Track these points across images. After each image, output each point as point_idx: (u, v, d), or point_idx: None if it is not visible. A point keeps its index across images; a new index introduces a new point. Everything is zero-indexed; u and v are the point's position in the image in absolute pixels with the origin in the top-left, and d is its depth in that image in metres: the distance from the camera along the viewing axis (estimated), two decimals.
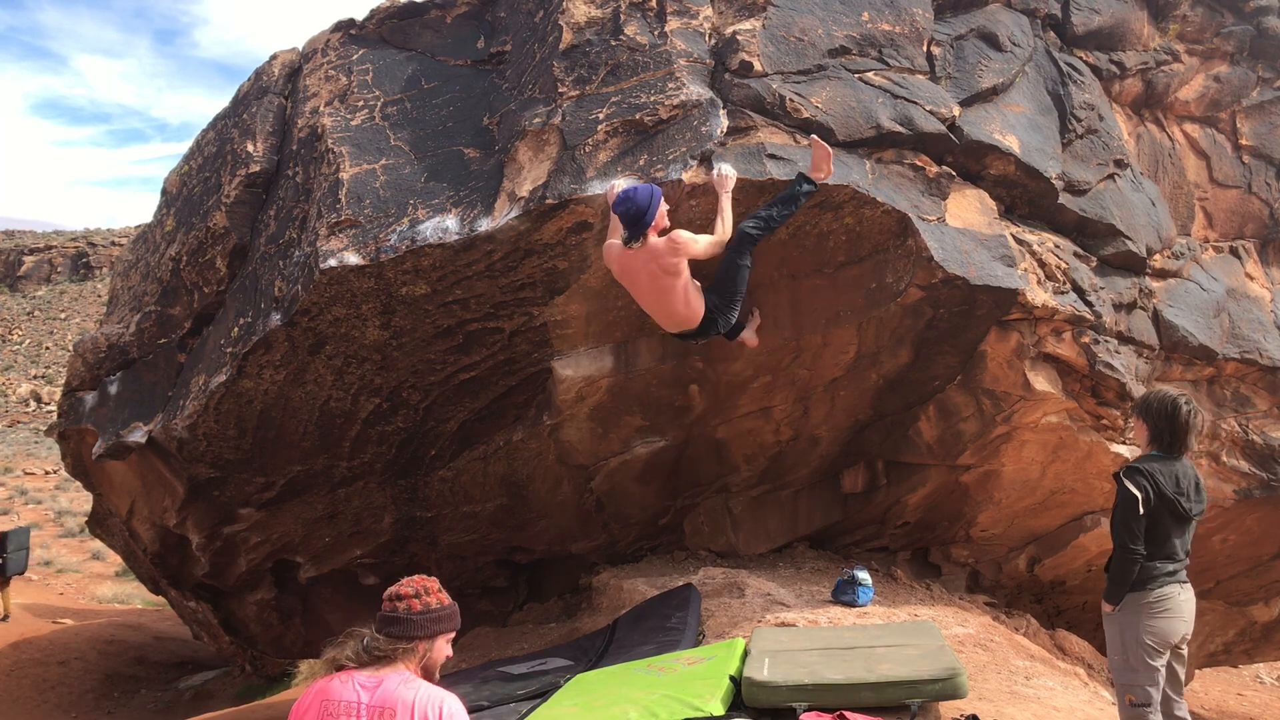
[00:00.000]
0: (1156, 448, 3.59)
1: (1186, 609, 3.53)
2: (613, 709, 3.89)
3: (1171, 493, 3.46)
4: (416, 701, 2.58)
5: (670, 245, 4.59)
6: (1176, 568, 3.53)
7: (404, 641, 2.69)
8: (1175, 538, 3.51)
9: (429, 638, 2.72)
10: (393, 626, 2.69)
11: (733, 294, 4.81)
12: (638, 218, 4.53)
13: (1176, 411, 3.52)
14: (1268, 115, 7.87)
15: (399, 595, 2.74)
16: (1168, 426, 3.54)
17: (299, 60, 6.53)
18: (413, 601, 2.73)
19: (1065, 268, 5.97)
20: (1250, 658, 10.51)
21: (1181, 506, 3.48)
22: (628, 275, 4.78)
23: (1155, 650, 3.49)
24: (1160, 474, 3.47)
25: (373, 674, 2.64)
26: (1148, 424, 3.62)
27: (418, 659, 2.72)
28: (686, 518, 7.13)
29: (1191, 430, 3.53)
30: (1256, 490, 7.70)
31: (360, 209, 5.14)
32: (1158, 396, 3.62)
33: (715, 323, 4.84)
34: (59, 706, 9.98)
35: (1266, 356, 7.33)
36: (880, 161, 5.34)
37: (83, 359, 7.16)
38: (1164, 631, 3.48)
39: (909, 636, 4.46)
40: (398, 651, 2.67)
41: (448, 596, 2.78)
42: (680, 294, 4.69)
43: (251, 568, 7.13)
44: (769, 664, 4.04)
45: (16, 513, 20.78)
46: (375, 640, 2.69)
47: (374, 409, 5.93)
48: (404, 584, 2.77)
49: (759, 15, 5.32)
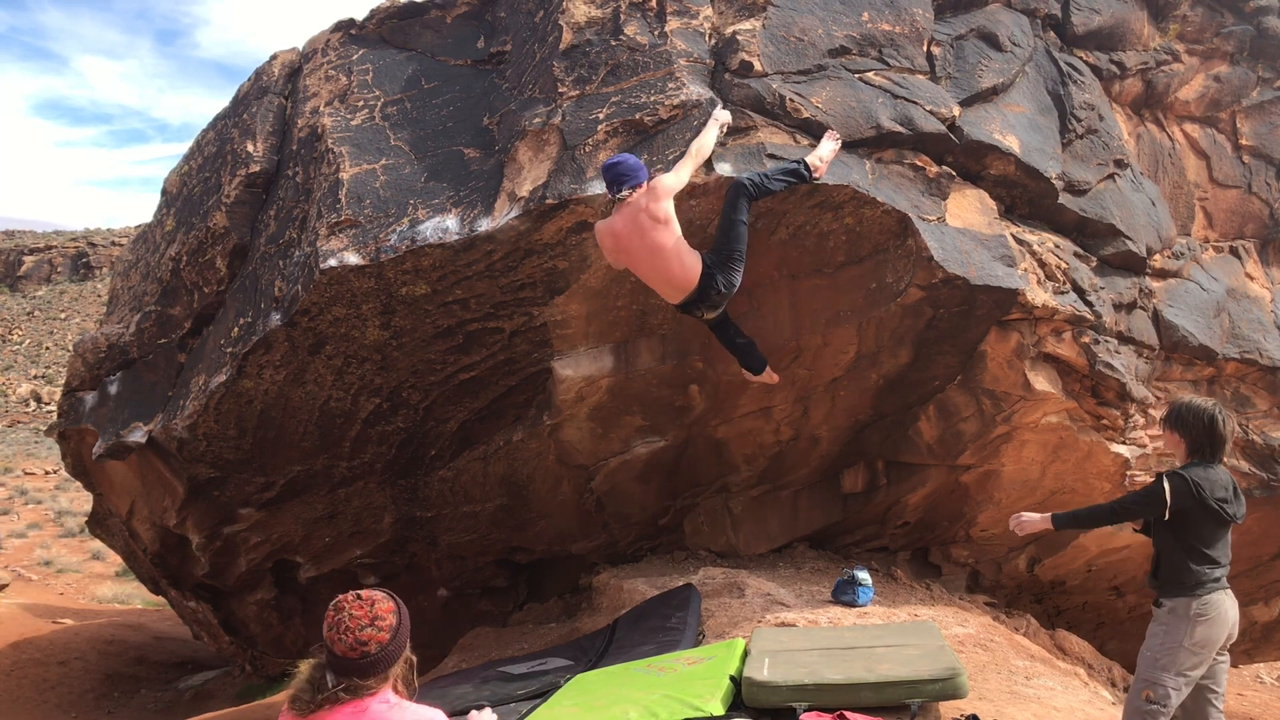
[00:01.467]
0: (1197, 459, 3.61)
1: (1231, 614, 3.56)
2: (613, 709, 3.89)
3: (1215, 500, 3.49)
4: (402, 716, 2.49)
5: (651, 191, 4.56)
6: (1221, 574, 3.55)
7: (381, 675, 2.54)
8: (1219, 543, 3.55)
9: (401, 654, 2.59)
10: (372, 668, 2.52)
11: (730, 250, 4.72)
12: (626, 175, 4.54)
13: (1214, 423, 3.56)
14: (1268, 115, 7.87)
15: (360, 640, 2.50)
16: (1208, 439, 3.57)
17: (299, 60, 6.53)
18: (377, 635, 2.53)
19: (1065, 268, 5.97)
20: (1250, 658, 10.52)
21: (1227, 512, 3.52)
22: (620, 249, 4.71)
23: (1194, 656, 3.50)
24: (1204, 482, 3.50)
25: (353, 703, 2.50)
26: (1186, 437, 3.62)
27: (393, 679, 2.59)
28: (686, 518, 7.13)
29: (1230, 438, 3.59)
30: (1256, 490, 7.70)
31: (360, 209, 5.14)
32: (1192, 410, 3.62)
33: (714, 279, 4.71)
34: (59, 706, 9.98)
35: (1266, 356, 7.33)
36: (880, 161, 5.34)
37: (83, 359, 7.16)
38: (1209, 638, 3.50)
39: (909, 636, 4.46)
40: (375, 686, 2.53)
41: (388, 600, 2.59)
42: (673, 250, 4.62)
43: (251, 568, 7.13)
44: (769, 664, 4.04)
45: (16, 513, 20.79)
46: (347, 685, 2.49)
47: (374, 409, 5.93)
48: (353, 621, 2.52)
49: (759, 15, 5.32)
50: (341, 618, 2.52)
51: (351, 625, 2.51)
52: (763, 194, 4.76)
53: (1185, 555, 3.53)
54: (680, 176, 4.65)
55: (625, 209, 4.60)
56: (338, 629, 2.51)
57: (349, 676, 2.50)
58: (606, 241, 4.76)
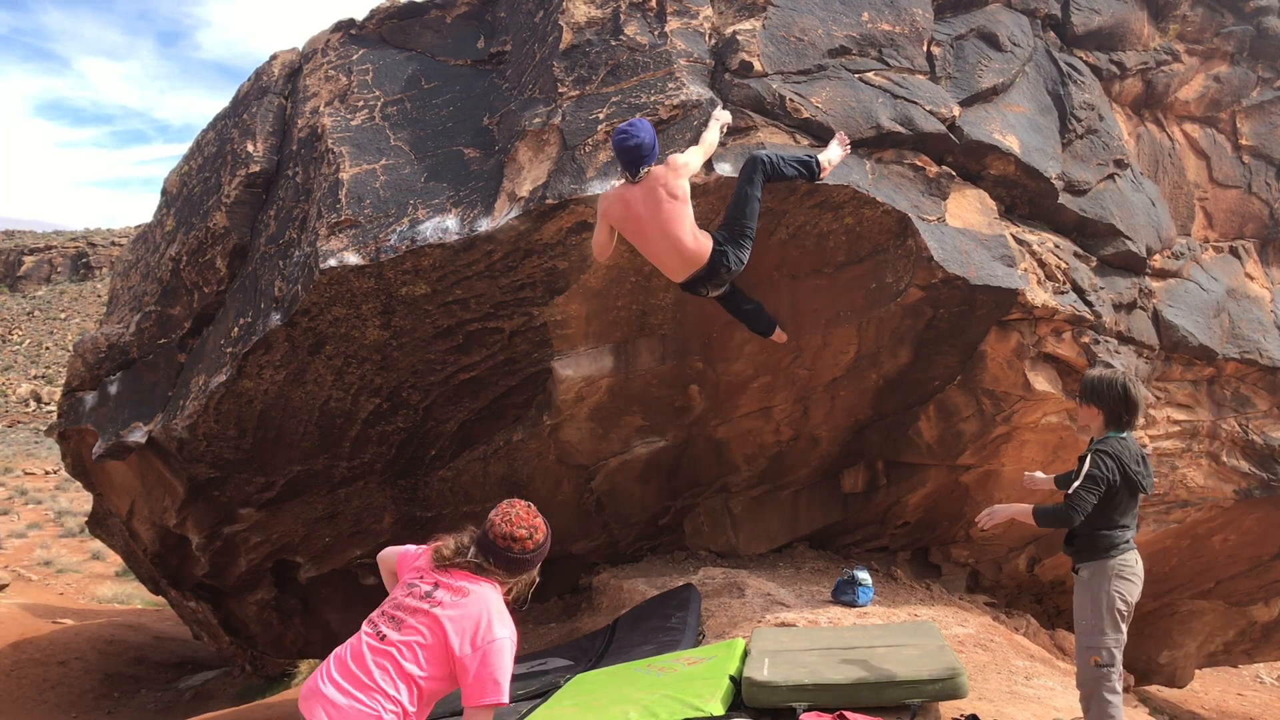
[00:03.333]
0: (1114, 429, 3.74)
1: (1142, 571, 3.77)
2: (613, 709, 3.89)
3: (1133, 471, 3.66)
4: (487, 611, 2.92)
5: (668, 166, 4.50)
6: (1131, 535, 3.76)
7: (512, 575, 3.02)
8: (1131, 509, 3.74)
9: (533, 569, 3.07)
10: (508, 565, 2.99)
11: (742, 226, 4.66)
12: (644, 155, 4.46)
13: (1127, 390, 3.69)
14: (1268, 115, 7.87)
15: (514, 537, 2.98)
16: (1123, 407, 3.70)
17: (299, 60, 6.53)
18: (526, 542, 2.99)
19: (1065, 268, 5.97)
20: (1250, 658, 10.51)
21: (1142, 484, 3.70)
22: (630, 218, 4.60)
23: (1123, 613, 3.69)
24: (1123, 454, 3.65)
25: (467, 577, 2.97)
26: (1102, 408, 3.74)
27: (511, 585, 3.04)
28: (686, 518, 7.13)
29: (1142, 404, 3.72)
30: (1256, 490, 7.70)
31: (360, 209, 5.14)
32: (1104, 381, 3.74)
33: (725, 256, 4.63)
34: (59, 706, 9.98)
35: (1266, 356, 7.33)
36: (880, 161, 5.34)
37: (83, 359, 7.16)
38: (1130, 594, 3.69)
39: (909, 636, 4.46)
40: (498, 576, 2.99)
41: (546, 529, 3.05)
42: (687, 223, 4.54)
43: (251, 568, 7.13)
44: (769, 664, 4.04)
45: (16, 513, 20.78)
46: (484, 565, 2.98)
47: (374, 409, 5.93)
48: (516, 521, 3.00)
49: (759, 15, 5.32)
50: (512, 514, 3.00)
51: (515, 522, 2.99)
52: (775, 174, 4.71)
53: (1103, 524, 3.69)
54: (696, 159, 4.63)
55: (642, 182, 4.51)
56: (503, 518, 3.00)
57: (486, 557, 2.98)
58: (614, 209, 4.62)
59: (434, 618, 2.91)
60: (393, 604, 3.01)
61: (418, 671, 2.89)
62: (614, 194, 4.62)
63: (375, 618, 3.01)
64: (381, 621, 2.98)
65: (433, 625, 2.90)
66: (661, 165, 4.52)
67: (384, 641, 2.92)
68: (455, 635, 2.90)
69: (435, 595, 2.97)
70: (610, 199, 4.64)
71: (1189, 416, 7.31)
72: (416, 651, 2.90)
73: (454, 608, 2.92)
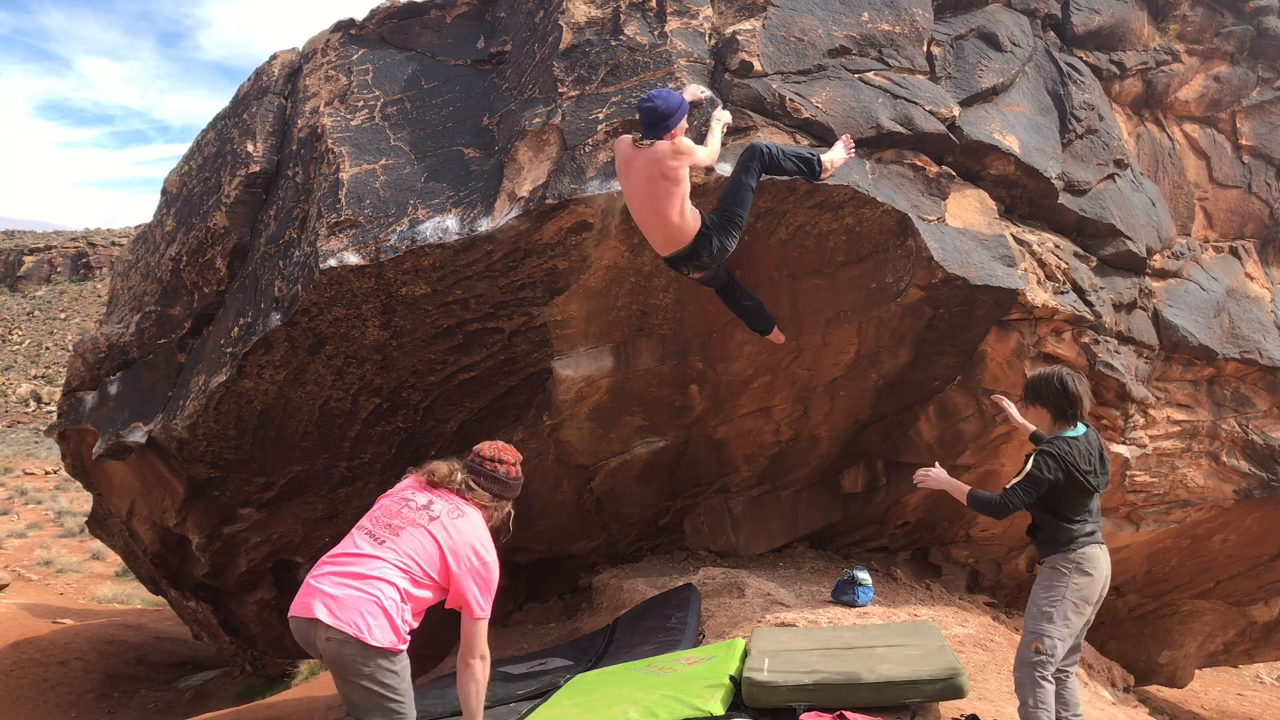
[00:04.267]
0: (1061, 425, 3.77)
1: (1105, 568, 3.75)
2: (613, 709, 3.89)
3: (1081, 472, 3.67)
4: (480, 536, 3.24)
5: (674, 148, 4.48)
6: (1094, 528, 3.75)
7: (495, 498, 3.34)
8: (1087, 505, 3.74)
9: (509, 500, 3.39)
10: (493, 485, 3.35)
11: (731, 212, 4.65)
12: (659, 120, 4.44)
13: (1065, 384, 3.73)
14: (1268, 115, 7.87)
15: (501, 460, 3.38)
16: (1065, 401, 3.74)
17: (299, 60, 6.53)
18: (511, 468, 3.39)
19: (1065, 268, 5.97)
20: (1250, 658, 10.52)
21: (1090, 483, 3.70)
22: (627, 174, 4.63)
23: (1077, 607, 3.67)
24: (1071, 454, 3.67)
25: (457, 498, 3.28)
26: (1048, 407, 3.79)
27: (491, 511, 3.34)
28: (686, 518, 7.13)
29: (1085, 397, 3.75)
30: (1256, 490, 7.70)
31: (360, 209, 5.14)
32: (1042, 379, 3.80)
33: (709, 240, 4.62)
34: (59, 706, 9.98)
35: (1266, 356, 7.33)
36: (880, 161, 5.34)
37: (83, 359, 7.16)
38: (1088, 588, 3.68)
39: (909, 636, 4.46)
40: (483, 498, 3.31)
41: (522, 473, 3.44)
42: (676, 202, 4.54)
43: (251, 568, 7.13)
44: (769, 664, 4.04)
45: (16, 512, 20.78)
46: (472, 484, 3.31)
47: (374, 409, 5.93)
48: (502, 449, 3.41)
49: (759, 15, 5.32)
50: (498, 441, 3.45)
51: (501, 449, 3.41)
52: (773, 166, 4.71)
53: (1057, 519, 3.72)
54: (701, 153, 4.62)
55: (647, 151, 4.51)
56: (491, 445, 3.41)
57: (475, 476, 3.34)
58: (619, 157, 4.67)
59: (431, 532, 3.16)
60: (387, 514, 3.23)
61: (415, 573, 3.11)
62: (625, 146, 4.63)
63: (368, 525, 3.23)
64: (377, 528, 3.19)
65: (430, 537, 3.16)
66: (669, 144, 4.49)
67: (382, 545, 3.13)
68: (450, 553, 3.16)
69: (433, 509, 3.23)
70: (621, 147, 4.65)
71: (1189, 416, 7.31)
72: (415, 558, 3.12)
73: (451, 525, 3.20)
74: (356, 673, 3.03)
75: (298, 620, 3.10)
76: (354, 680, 3.04)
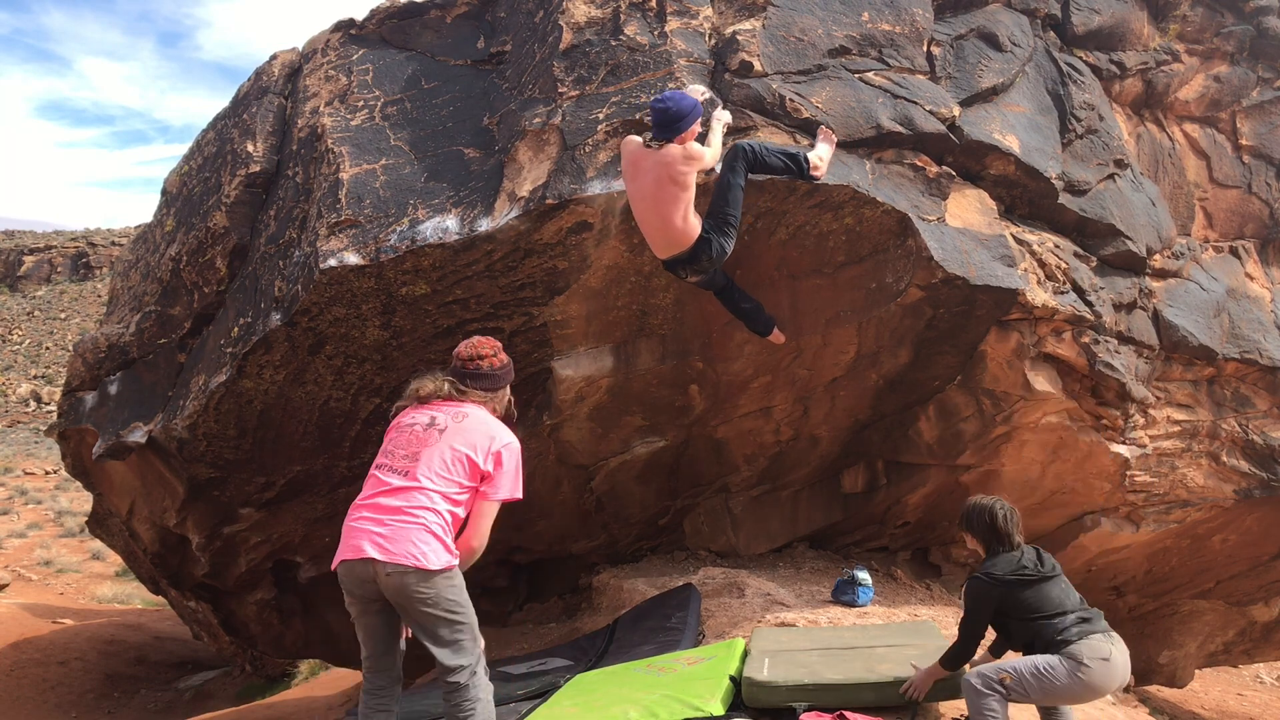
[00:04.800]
0: (989, 553, 3.72)
1: (1121, 663, 3.47)
2: (613, 709, 3.89)
3: (1014, 573, 3.56)
4: (494, 424, 3.29)
5: (685, 153, 4.50)
6: (1078, 618, 3.53)
7: (489, 392, 3.37)
8: (1053, 600, 3.57)
9: (504, 386, 3.43)
10: (480, 380, 3.36)
11: (724, 214, 4.66)
12: (672, 122, 4.46)
13: (994, 522, 3.69)
14: (1268, 115, 7.88)
15: (479, 355, 3.37)
16: (993, 535, 3.70)
17: (299, 60, 6.53)
18: (493, 359, 3.39)
19: (1065, 268, 5.97)
20: (1250, 658, 10.52)
21: (1030, 574, 3.58)
22: (634, 176, 4.65)
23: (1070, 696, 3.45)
24: (998, 567, 3.60)
25: (456, 403, 3.32)
26: (976, 536, 3.77)
27: (493, 405, 3.38)
28: (686, 518, 7.13)
29: (1013, 528, 3.69)
30: (1256, 490, 7.70)
31: (360, 209, 5.14)
32: (975, 509, 3.76)
33: (709, 244, 4.64)
34: (59, 706, 9.99)
35: (1266, 356, 7.33)
36: (880, 161, 5.34)
37: (83, 359, 7.16)
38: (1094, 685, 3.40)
39: (909, 636, 4.46)
40: (480, 399, 3.34)
41: (508, 355, 3.46)
42: (682, 207, 4.56)
43: (251, 568, 7.13)
44: (769, 664, 4.04)
45: (16, 513, 20.79)
46: (462, 388, 3.33)
47: (374, 409, 5.93)
48: (478, 344, 3.41)
49: (759, 15, 5.32)
50: (473, 339, 3.42)
51: (477, 345, 3.39)
52: (759, 164, 4.71)
53: (1033, 627, 3.55)
54: (709, 158, 4.64)
55: (657, 153, 4.52)
56: (466, 344, 3.39)
57: (461, 380, 3.35)
58: (626, 157, 4.68)
59: (445, 441, 3.22)
60: (400, 445, 3.28)
61: (448, 490, 3.19)
62: (634, 146, 4.64)
63: (387, 462, 3.28)
64: (396, 461, 3.24)
65: (449, 449, 3.21)
66: (680, 149, 4.51)
67: (409, 475, 3.20)
68: (469, 449, 3.22)
69: (438, 423, 3.26)
70: (630, 148, 4.66)
71: (1189, 416, 7.31)
72: (443, 474, 3.20)
73: (459, 429, 3.25)
74: (421, 599, 3.15)
75: (351, 563, 3.25)
76: (418, 607, 3.17)
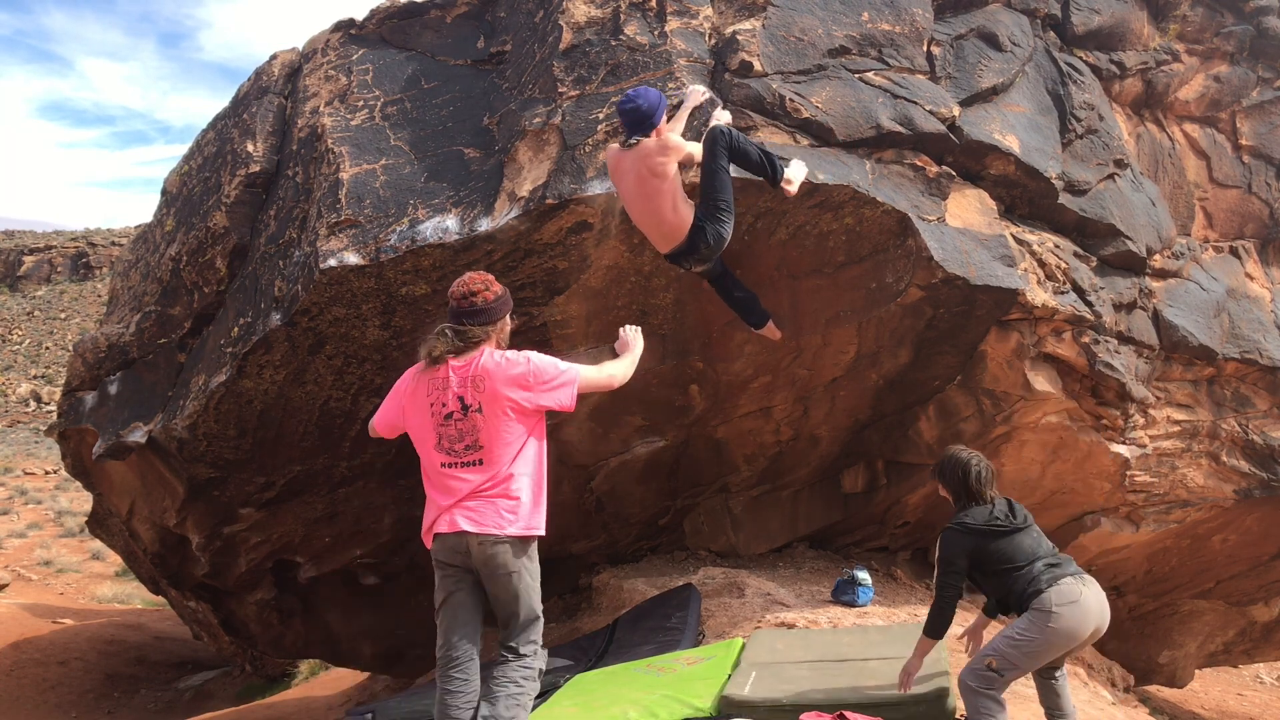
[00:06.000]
0: (961, 505, 3.74)
1: (1094, 605, 3.50)
2: (612, 709, 3.89)
3: (986, 524, 3.59)
4: (504, 360, 3.31)
5: (660, 144, 4.50)
6: (1056, 561, 3.57)
7: (488, 326, 3.37)
8: (1025, 549, 3.58)
9: (503, 317, 3.43)
10: (477, 317, 3.35)
11: (715, 199, 4.63)
12: (643, 119, 4.48)
13: (968, 473, 3.71)
14: (1268, 115, 7.88)
15: (471, 292, 3.35)
16: (964, 488, 3.71)
17: (299, 60, 6.52)
18: (485, 294, 3.36)
19: (1065, 268, 5.97)
20: (1250, 658, 10.52)
21: (1002, 525, 3.59)
22: (620, 177, 4.68)
23: (1050, 648, 3.47)
24: (971, 519, 3.63)
25: (463, 358, 3.33)
26: (948, 488, 3.80)
27: (496, 337, 3.40)
28: (686, 518, 7.13)
29: (986, 484, 3.70)
30: (1256, 490, 7.70)
31: (360, 209, 5.14)
32: (950, 462, 3.78)
33: (703, 232, 4.62)
34: (59, 706, 9.99)
35: (1266, 356, 7.33)
36: (880, 161, 5.34)
37: (83, 359, 7.16)
38: (1069, 630, 3.44)
39: (908, 646, 4.40)
40: (481, 335, 3.35)
41: (499, 284, 3.45)
42: (668, 198, 4.55)
43: (251, 568, 7.13)
44: (754, 679, 4.03)
45: (16, 513, 20.79)
46: (461, 331, 3.33)
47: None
48: (469, 281, 3.39)
49: (759, 15, 5.32)
50: (462, 278, 3.40)
51: (469, 282, 3.38)
52: (736, 151, 4.65)
53: (1008, 579, 3.57)
54: (687, 147, 4.62)
55: (634, 151, 4.54)
56: (458, 283, 3.38)
57: (461, 321, 3.34)
58: (610, 165, 4.73)
59: (481, 414, 3.25)
60: (448, 440, 3.30)
61: (509, 456, 3.26)
62: (614, 152, 4.68)
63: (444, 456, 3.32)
64: (454, 457, 3.29)
65: (487, 418, 3.25)
66: (654, 141, 4.51)
67: (470, 463, 3.26)
68: (512, 408, 3.26)
69: (464, 398, 3.27)
70: (611, 155, 4.70)
71: (1189, 416, 7.31)
72: (496, 445, 3.25)
73: (483, 392, 3.26)
74: (508, 569, 3.25)
75: (445, 535, 3.29)
76: (506, 575, 3.25)
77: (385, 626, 7.86)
